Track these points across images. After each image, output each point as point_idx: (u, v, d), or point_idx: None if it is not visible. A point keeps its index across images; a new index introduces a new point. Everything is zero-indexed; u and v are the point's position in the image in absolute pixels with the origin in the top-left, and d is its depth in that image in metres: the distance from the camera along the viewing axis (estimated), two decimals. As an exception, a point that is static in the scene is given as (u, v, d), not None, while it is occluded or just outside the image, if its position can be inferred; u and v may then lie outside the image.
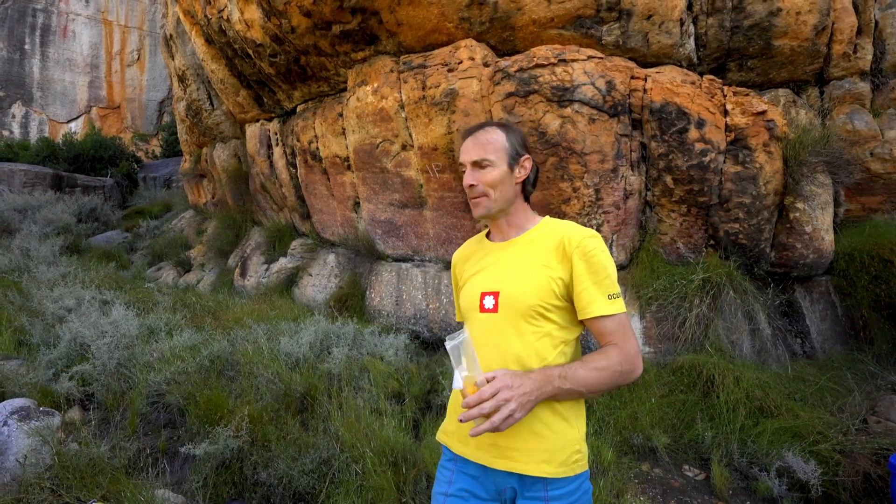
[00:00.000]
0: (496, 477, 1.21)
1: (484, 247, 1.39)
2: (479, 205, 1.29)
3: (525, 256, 1.27)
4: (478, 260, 1.37)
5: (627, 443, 2.87)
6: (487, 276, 1.31)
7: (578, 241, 1.21)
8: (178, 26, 7.77)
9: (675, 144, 3.75)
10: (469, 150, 1.30)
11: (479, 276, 1.33)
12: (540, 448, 1.17)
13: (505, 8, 3.84)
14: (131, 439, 2.81)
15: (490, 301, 1.24)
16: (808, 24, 3.92)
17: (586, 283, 1.19)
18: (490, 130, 1.30)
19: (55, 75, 18.20)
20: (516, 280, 1.24)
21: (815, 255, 3.88)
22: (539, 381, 1.09)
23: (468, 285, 1.34)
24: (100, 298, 4.92)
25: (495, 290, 1.25)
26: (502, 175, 1.27)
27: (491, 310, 1.24)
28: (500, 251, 1.33)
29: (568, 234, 1.24)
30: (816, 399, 3.12)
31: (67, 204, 10.61)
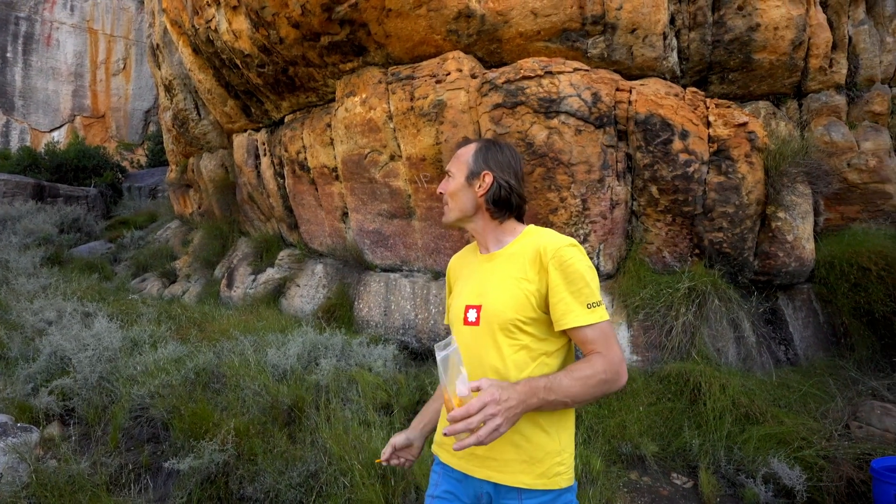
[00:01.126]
0: (474, 483, 1.26)
1: (475, 258, 1.41)
2: (444, 213, 1.39)
3: (505, 270, 1.27)
4: (468, 271, 1.40)
5: (616, 451, 2.88)
6: (472, 289, 1.32)
7: (554, 250, 1.19)
8: (165, 36, 7.74)
9: (659, 155, 3.82)
10: (455, 157, 1.40)
11: (465, 287, 1.35)
12: (517, 458, 1.18)
13: (492, 21, 3.90)
14: (113, 455, 2.74)
15: (473, 314, 1.27)
16: (785, 39, 4.04)
17: (562, 293, 1.17)
18: (468, 145, 1.38)
19: (38, 84, 17.96)
20: (496, 294, 1.24)
21: (797, 264, 3.96)
22: (524, 393, 1.07)
23: (456, 297, 1.38)
24: (82, 310, 4.82)
25: (478, 303, 1.27)
26: (457, 186, 1.34)
27: (473, 323, 1.26)
28: (483, 264, 1.35)
29: (544, 244, 1.22)
30: (800, 405, 3.17)
31: (49, 214, 10.42)
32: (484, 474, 1.21)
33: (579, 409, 3.08)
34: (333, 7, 4.07)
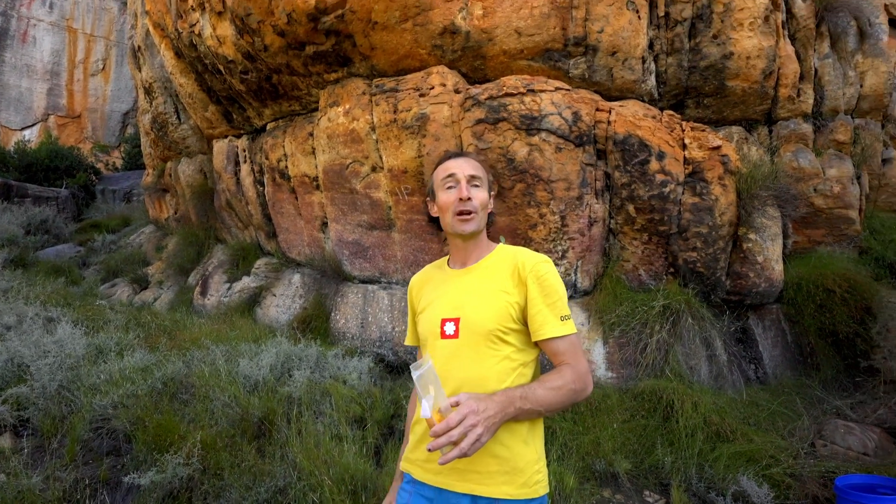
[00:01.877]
0: (449, 498, 1.22)
1: (444, 273, 1.40)
2: (472, 220, 1.29)
3: (484, 282, 1.30)
4: (436, 286, 1.37)
5: (590, 468, 2.88)
6: (447, 302, 1.31)
7: (532, 265, 1.26)
8: (148, 38, 7.63)
9: (637, 175, 3.91)
10: (463, 166, 1.32)
11: (438, 302, 1.33)
12: (499, 470, 1.19)
13: (477, 38, 3.96)
14: (69, 469, 2.61)
15: (451, 327, 1.26)
16: (757, 68, 4.21)
17: (540, 305, 1.23)
18: (472, 157, 1.38)
19: (11, 80, 17.44)
20: (476, 305, 1.26)
21: (767, 284, 4.07)
22: (502, 402, 1.10)
23: (428, 311, 1.34)
24: (44, 315, 4.63)
25: (456, 316, 1.27)
26: (486, 199, 1.34)
27: (452, 336, 1.26)
28: (459, 278, 1.34)
29: (522, 259, 1.29)
30: (769, 423, 3.23)
31: (15, 215, 10.05)
32: (466, 488, 1.19)
33: (553, 425, 3.08)
34: (319, 17, 4.08)
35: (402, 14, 3.93)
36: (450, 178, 1.31)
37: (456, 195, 1.29)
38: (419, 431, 1.28)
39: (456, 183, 1.30)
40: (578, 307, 4.03)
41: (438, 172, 1.36)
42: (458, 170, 1.31)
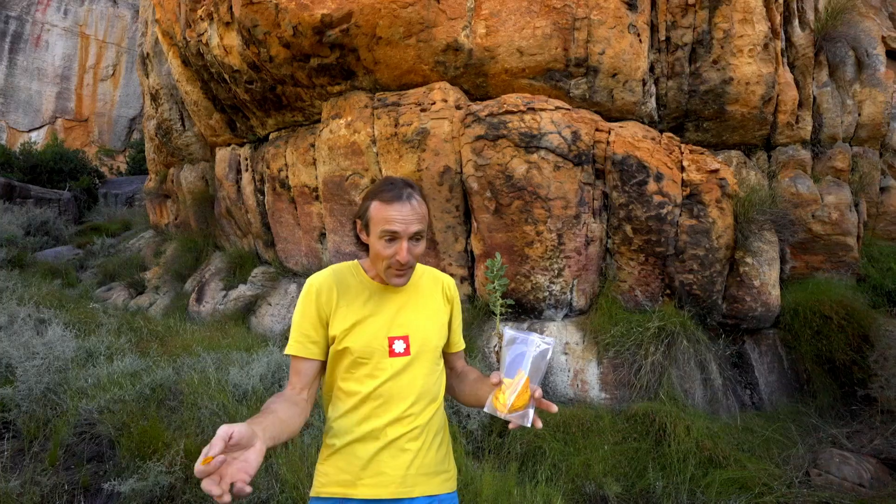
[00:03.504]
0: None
1: (367, 286, 1.31)
2: (404, 276, 1.27)
3: (423, 301, 1.37)
4: (364, 300, 1.29)
5: (579, 490, 2.82)
6: (390, 320, 1.29)
7: (453, 286, 1.45)
8: (156, 46, 7.75)
9: (634, 195, 3.92)
10: (408, 219, 1.21)
11: (377, 319, 1.28)
12: (452, 467, 1.38)
13: (479, 56, 4.01)
14: (49, 473, 2.57)
15: (401, 345, 1.28)
16: (756, 94, 4.25)
17: (458, 322, 1.44)
18: (418, 198, 1.25)
19: (21, 83, 17.67)
20: (423, 324, 1.33)
21: (763, 309, 4.05)
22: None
23: (364, 327, 1.26)
24: (36, 317, 4.60)
25: (404, 333, 1.29)
26: (424, 248, 1.28)
27: (402, 353, 1.28)
28: (395, 295, 1.32)
29: (445, 280, 1.44)
30: (763, 450, 3.18)
31: (16, 215, 10.07)
32: (435, 488, 1.29)
33: (544, 445, 3.04)
34: (325, 31, 4.14)
35: (406, 30, 3.99)
36: (390, 233, 1.21)
37: (394, 253, 1.22)
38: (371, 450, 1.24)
39: (396, 239, 1.21)
40: (573, 326, 4.00)
41: (379, 214, 1.22)
42: (402, 226, 1.20)
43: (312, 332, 1.26)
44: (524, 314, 4.10)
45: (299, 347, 1.26)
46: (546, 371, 1.17)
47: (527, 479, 2.71)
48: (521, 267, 3.99)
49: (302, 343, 1.26)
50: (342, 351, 1.26)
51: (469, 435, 3.09)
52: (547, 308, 4.04)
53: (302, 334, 1.27)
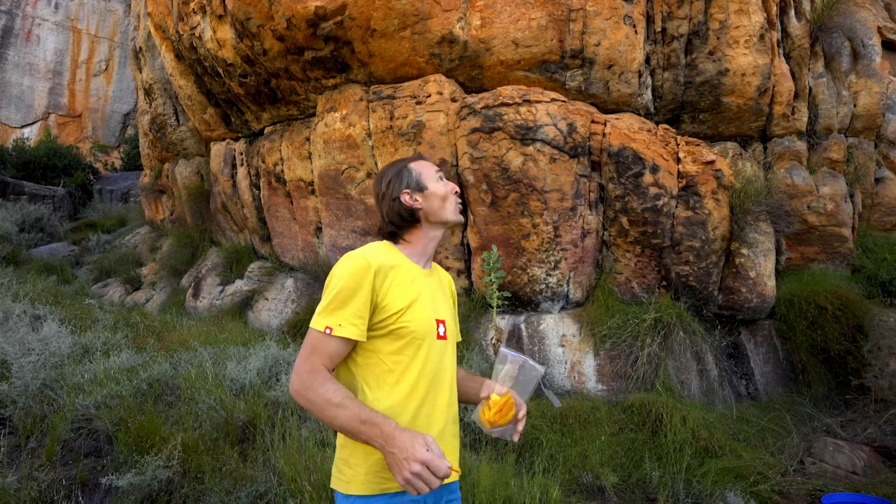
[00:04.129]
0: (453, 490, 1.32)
1: (409, 266, 1.30)
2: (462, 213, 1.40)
3: (444, 288, 1.42)
4: (411, 280, 1.27)
5: (576, 481, 2.84)
6: (432, 302, 1.29)
7: (452, 281, 1.50)
8: (149, 40, 7.67)
9: (630, 187, 3.92)
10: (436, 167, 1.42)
11: (423, 300, 1.27)
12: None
13: (474, 48, 3.99)
14: (46, 469, 2.56)
15: (442, 328, 1.30)
16: (752, 85, 4.25)
17: (456, 318, 1.48)
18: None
19: (13, 78, 17.48)
20: (449, 310, 1.38)
21: (759, 300, 4.07)
22: None
23: (419, 307, 1.24)
24: (32, 313, 4.58)
25: (442, 318, 1.31)
26: None
27: (443, 337, 1.30)
28: (428, 279, 1.34)
29: (448, 276, 1.50)
30: (758, 440, 3.20)
31: (10, 212, 10.00)
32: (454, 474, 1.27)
33: (540, 436, 3.05)
34: (319, 23, 4.11)
35: (400, 22, 3.96)
36: (440, 172, 1.40)
37: (452, 187, 1.37)
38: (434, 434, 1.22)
39: (444, 177, 1.40)
40: (570, 318, 4.01)
41: (425, 167, 1.39)
42: (435, 169, 1.40)
43: (365, 312, 1.19)
44: (521, 307, 4.11)
45: (355, 330, 1.17)
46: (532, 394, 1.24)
47: (524, 471, 2.72)
48: (517, 259, 3.99)
49: (356, 325, 1.17)
50: (397, 331, 1.21)
51: (466, 427, 3.10)
52: (544, 300, 4.04)
53: (355, 315, 1.17)
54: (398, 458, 1.04)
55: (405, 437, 1.05)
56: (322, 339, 1.17)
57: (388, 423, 1.08)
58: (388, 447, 1.05)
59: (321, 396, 1.11)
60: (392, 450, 1.05)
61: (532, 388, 1.20)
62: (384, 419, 1.09)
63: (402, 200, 1.33)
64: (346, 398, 1.11)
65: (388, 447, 1.05)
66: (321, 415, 1.12)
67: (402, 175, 1.36)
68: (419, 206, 1.33)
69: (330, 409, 1.10)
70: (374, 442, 1.08)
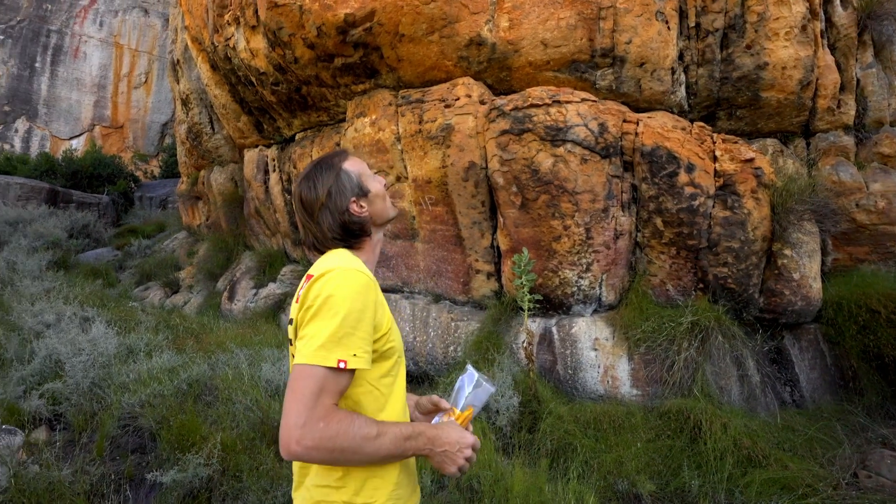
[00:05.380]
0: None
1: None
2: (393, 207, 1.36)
3: None
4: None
5: (612, 488, 2.77)
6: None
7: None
8: (186, 52, 7.97)
9: (665, 187, 3.81)
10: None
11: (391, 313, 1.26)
12: None
13: (503, 49, 3.97)
14: (97, 463, 2.68)
15: None
16: (793, 79, 4.07)
17: None
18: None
19: (62, 93, 18.50)
20: None
21: (804, 303, 3.89)
22: None
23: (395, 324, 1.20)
24: (81, 315, 4.82)
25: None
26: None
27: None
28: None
29: None
30: (806, 450, 3.05)
31: (60, 219, 10.56)
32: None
33: (574, 441, 3.00)
34: (348, 30, 4.17)
35: (429, 26, 3.99)
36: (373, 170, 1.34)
37: (381, 179, 1.31)
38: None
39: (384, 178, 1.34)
40: (603, 321, 3.93)
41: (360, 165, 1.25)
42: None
43: (372, 336, 1.05)
44: (552, 310, 4.06)
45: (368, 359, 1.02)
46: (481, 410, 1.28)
47: (558, 476, 2.68)
48: (548, 262, 3.94)
49: (368, 352, 1.03)
50: (387, 351, 1.11)
51: (498, 431, 3.08)
52: (575, 303, 3.98)
53: (366, 340, 1.02)
54: (451, 453, 1.06)
55: (448, 432, 1.09)
56: (333, 375, 0.97)
57: (428, 427, 1.09)
58: (439, 447, 1.07)
59: (356, 436, 0.95)
60: (443, 448, 1.07)
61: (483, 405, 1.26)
62: (422, 426, 1.08)
63: (353, 212, 1.18)
64: (379, 425, 1.00)
65: (437, 448, 1.06)
66: (357, 456, 0.96)
67: (343, 180, 1.18)
68: (367, 214, 1.21)
69: (370, 444, 0.96)
70: (421, 451, 1.06)
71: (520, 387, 3.35)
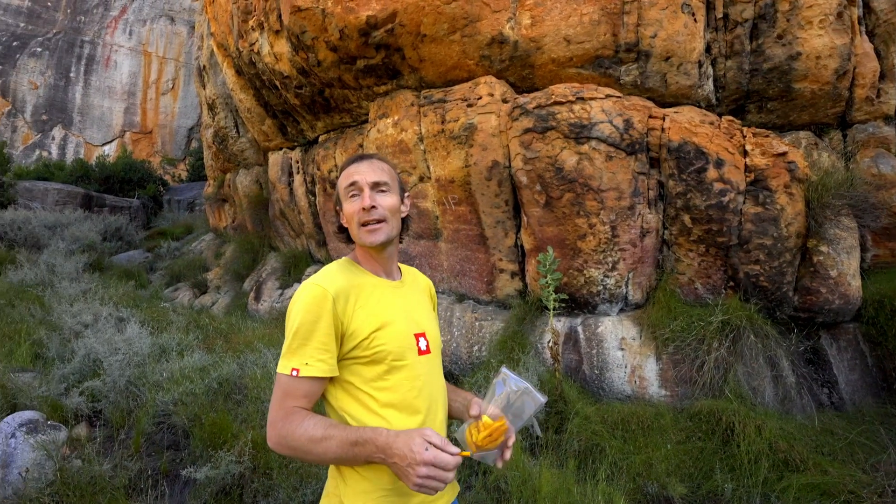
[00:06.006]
0: None
1: (373, 282, 1.21)
2: (379, 231, 1.17)
3: (420, 298, 1.32)
4: (377, 299, 1.18)
5: (641, 490, 2.73)
6: (407, 316, 1.20)
7: (433, 286, 1.42)
8: (212, 58, 8.16)
9: (693, 184, 3.73)
10: (364, 172, 1.19)
11: (398, 315, 1.18)
12: None
13: (525, 47, 3.94)
14: (134, 459, 2.78)
15: (424, 342, 1.21)
16: (828, 69, 3.92)
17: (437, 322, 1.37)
18: (381, 160, 1.26)
19: (95, 101, 19.18)
20: (429, 321, 1.28)
21: (841, 301, 3.74)
22: None
23: (393, 326, 1.15)
24: (116, 315, 4.99)
25: (421, 330, 1.22)
26: (397, 203, 1.22)
27: (426, 351, 1.21)
28: (396, 290, 1.24)
29: (426, 280, 1.41)
30: (846, 454, 2.94)
31: (94, 223, 10.96)
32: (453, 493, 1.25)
33: (602, 443, 2.96)
34: (370, 32, 4.21)
35: (450, 26, 3.98)
36: (352, 187, 1.19)
37: (359, 204, 1.17)
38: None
39: (359, 191, 1.18)
40: (630, 321, 3.87)
41: (341, 180, 1.22)
42: (360, 176, 1.18)
43: (332, 345, 1.09)
44: (577, 309, 4.01)
45: (323, 366, 1.07)
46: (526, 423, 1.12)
47: (587, 478, 2.65)
48: (573, 261, 3.90)
49: (324, 360, 1.07)
50: (374, 356, 1.11)
51: (524, 431, 3.06)
52: (601, 302, 3.92)
53: (320, 350, 1.07)
54: (401, 467, 0.97)
55: (401, 443, 0.98)
56: (291, 382, 1.06)
57: (379, 433, 1.01)
58: (389, 458, 0.99)
59: (301, 437, 1.01)
60: (393, 459, 0.98)
61: (527, 418, 1.10)
62: (374, 431, 1.01)
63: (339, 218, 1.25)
64: (328, 427, 1.02)
65: (388, 458, 0.99)
66: (310, 457, 1.02)
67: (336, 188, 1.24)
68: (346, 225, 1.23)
69: (316, 447, 1.00)
70: (373, 459, 1.01)
71: (545, 387, 3.32)
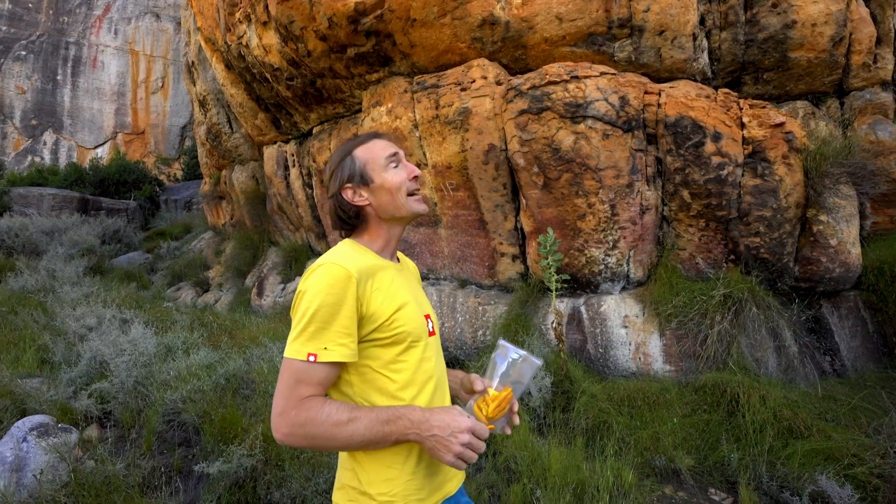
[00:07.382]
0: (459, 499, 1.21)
1: (383, 264, 1.16)
2: (423, 200, 1.20)
3: (416, 281, 1.32)
4: (390, 280, 1.13)
5: (649, 464, 2.76)
6: (415, 298, 1.18)
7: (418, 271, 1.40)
8: (200, 53, 8.06)
9: (691, 158, 3.71)
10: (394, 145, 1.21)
11: (409, 298, 1.14)
12: None
13: (517, 27, 3.89)
14: (146, 457, 2.81)
15: (430, 324, 1.20)
16: (824, 36, 3.88)
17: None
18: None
19: (84, 104, 18.98)
20: (428, 304, 1.27)
21: (842, 269, 3.75)
22: None
23: (408, 308, 1.13)
24: (120, 317, 5.00)
25: (426, 312, 1.21)
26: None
27: (433, 333, 1.20)
28: (402, 272, 1.22)
29: (413, 264, 1.38)
30: (850, 420, 2.98)
31: (92, 226, 10.93)
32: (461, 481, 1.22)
33: (609, 419, 2.99)
34: (359, 19, 4.15)
35: (440, 9, 3.93)
36: (394, 157, 1.17)
37: (406, 173, 1.16)
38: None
39: (399, 161, 1.18)
40: (632, 298, 3.88)
41: (373, 152, 1.17)
42: (392, 148, 1.18)
43: (353, 329, 1.04)
44: (580, 289, 4.02)
45: (345, 351, 1.02)
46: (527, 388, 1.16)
47: (595, 454, 2.68)
48: (573, 241, 3.90)
49: (345, 345, 1.02)
50: (394, 337, 1.09)
51: (532, 412, 3.09)
52: (603, 281, 3.93)
53: (342, 334, 1.02)
54: (442, 438, 0.96)
55: (440, 415, 0.98)
56: (306, 368, 0.99)
57: (413, 409, 1.00)
58: (426, 432, 0.97)
59: (325, 422, 0.96)
60: (432, 432, 0.96)
61: (528, 382, 1.12)
62: (407, 408, 1.00)
63: (345, 197, 1.16)
64: (353, 409, 0.99)
65: (425, 433, 0.97)
66: (333, 443, 0.97)
67: (345, 165, 1.17)
68: (364, 203, 1.16)
69: (342, 431, 0.96)
70: (407, 437, 0.98)
71: (551, 367, 3.34)
